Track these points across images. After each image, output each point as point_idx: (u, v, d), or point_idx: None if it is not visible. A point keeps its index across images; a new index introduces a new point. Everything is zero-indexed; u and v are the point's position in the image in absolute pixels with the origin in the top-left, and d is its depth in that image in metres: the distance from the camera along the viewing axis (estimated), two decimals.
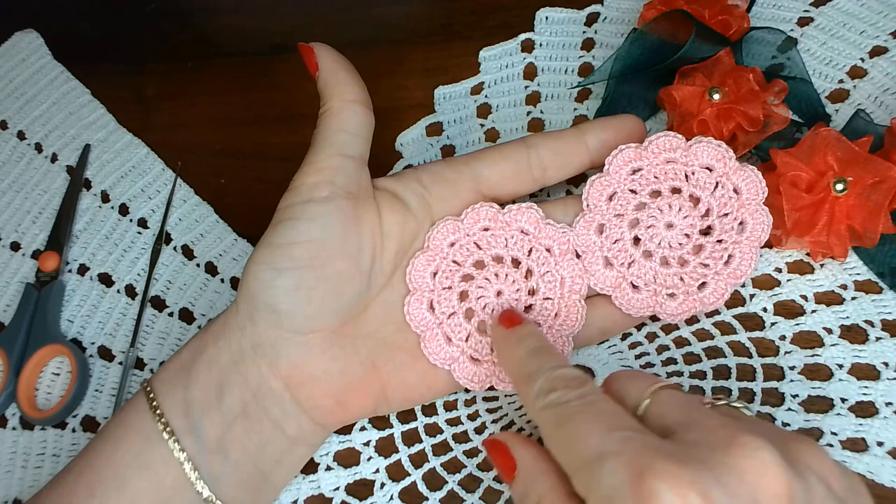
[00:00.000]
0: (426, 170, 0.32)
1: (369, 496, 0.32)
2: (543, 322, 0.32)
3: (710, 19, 0.37)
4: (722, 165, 0.30)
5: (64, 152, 0.46)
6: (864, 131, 0.33)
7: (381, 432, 0.34)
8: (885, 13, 0.39)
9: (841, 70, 0.38)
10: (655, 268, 0.31)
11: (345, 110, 0.31)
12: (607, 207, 0.32)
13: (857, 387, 0.30)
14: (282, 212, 0.30)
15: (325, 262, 0.29)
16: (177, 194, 0.43)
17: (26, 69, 0.50)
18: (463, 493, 0.32)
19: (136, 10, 0.52)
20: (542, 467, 0.24)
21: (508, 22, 0.44)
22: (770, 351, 0.32)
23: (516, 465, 0.25)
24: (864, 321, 0.32)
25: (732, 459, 0.20)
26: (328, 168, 0.30)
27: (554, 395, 0.24)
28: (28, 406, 0.37)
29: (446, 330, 0.32)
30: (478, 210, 0.32)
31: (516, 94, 0.42)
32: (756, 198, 0.31)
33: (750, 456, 0.20)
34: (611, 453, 0.21)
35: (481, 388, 0.32)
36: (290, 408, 0.30)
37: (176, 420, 0.28)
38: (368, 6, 0.49)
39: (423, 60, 0.45)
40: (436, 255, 0.32)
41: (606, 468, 0.21)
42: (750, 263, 0.31)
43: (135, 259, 0.41)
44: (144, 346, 0.39)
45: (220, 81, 0.48)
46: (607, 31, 0.43)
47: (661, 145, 0.31)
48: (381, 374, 0.31)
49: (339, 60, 0.31)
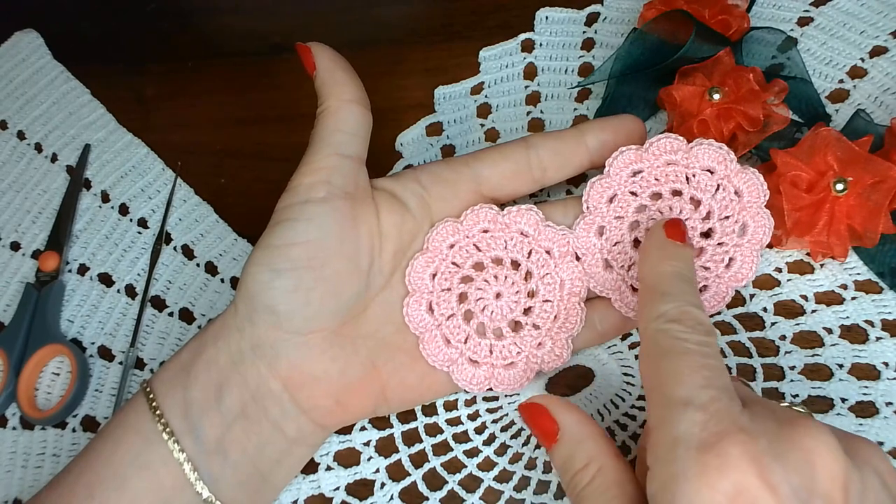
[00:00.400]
0: (425, 170, 0.32)
1: (369, 496, 0.32)
2: (542, 324, 0.32)
3: (710, 19, 0.37)
4: (723, 168, 0.30)
5: (64, 152, 0.46)
6: (864, 131, 0.33)
7: (382, 432, 0.34)
8: (885, 13, 0.39)
9: (841, 70, 0.38)
10: None
11: (342, 110, 0.31)
12: (607, 209, 0.31)
13: (857, 387, 0.30)
14: (279, 213, 0.30)
15: (324, 263, 0.29)
16: (177, 194, 0.43)
17: (26, 69, 0.50)
18: (463, 493, 0.32)
19: (136, 10, 0.52)
20: (588, 430, 0.25)
21: (508, 22, 0.44)
22: (770, 351, 0.32)
23: (559, 428, 0.25)
24: (864, 321, 0.32)
25: (798, 437, 0.21)
26: (325, 168, 0.30)
27: (677, 327, 0.24)
28: (28, 406, 0.37)
29: (445, 332, 0.32)
30: (477, 212, 0.32)
31: (516, 94, 0.42)
32: (757, 200, 0.30)
33: (814, 437, 0.21)
34: (698, 405, 0.22)
35: (480, 390, 0.32)
36: (289, 408, 0.30)
37: (175, 420, 0.28)
38: (368, 6, 0.49)
39: (423, 60, 0.45)
40: (435, 257, 0.32)
41: (687, 414, 0.22)
42: (751, 267, 0.31)
43: (135, 259, 0.41)
44: (144, 346, 0.39)
45: (220, 81, 0.48)
46: (607, 31, 0.43)
47: (661, 147, 0.31)
48: (381, 375, 0.31)
49: (336, 60, 0.31)
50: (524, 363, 0.32)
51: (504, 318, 0.32)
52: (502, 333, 0.32)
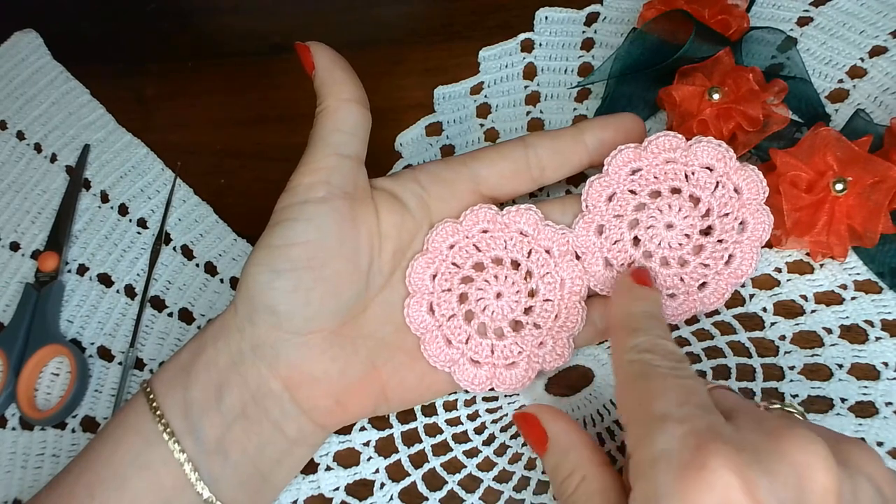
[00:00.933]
0: (424, 170, 0.32)
1: (369, 496, 0.32)
2: (543, 323, 0.32)
3: (709, 19, 0.37)
4: (722, 165, 0.30)
5: (63, 152, 0.46)
6: (864, 131, 0.33)
7: (381, 432, 0.34)
8: (885, 13, 0.39)
9: (841, 70, 0.38)
10: (655, 268, 0.31)
11: (341, 109, 0.30)
12: (607, 208, 0.31)
13: (856, 387, 0.30)
14: (279, 213, 0.30)
15: (323, 263, 0.29)
16: (176, 194, 0.43)
17: (26, 69, 0.50)
18: (463, 493, 0.32)
19: (136, 10, 0.52)
20: (575, 439, 0.25)
21: (508, 22, 0.44)
22: (770, 351, 0.32)
23: (548, 436, 0.25)
24: (863, 321, 0.32)
25: (784, 449, 0.20)
26: (324, 168, 0.30)
27: (649, 356, 0.24)
28: (28, 406, 0.37)
29: (446, 332, 0.32)
30: (476, 212, 0.32)
31: (516, 93, 0.42)
32: (757, 197, 0.30)
33: (802, 448, 0.20)
34: (674, 419, 0.21)
35: (481, 390, 0.32)
36: (289, 408, 0.30)
37: (175, 421, 0.28)
38: (368, 6, 0.49)
39: (423, 60, 0.45)
40: (435, 258, 0.32)
41: (665, 430, 0.21)
42: (751, 263, 0.31)
43: (134, 259, 0.41)
44: (144, 347, 0.39)
45: (220, 81, 0.48)
46: (607, 31, 0.43)
47: (660, 145, 0.31)
48: (381, 375, 0.31)
49: (335, 59, 0.31)
50: (526, 363, 0.32)
51: (505, 317, 0.32)
52: (503, 333, 0.32)
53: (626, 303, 0.28)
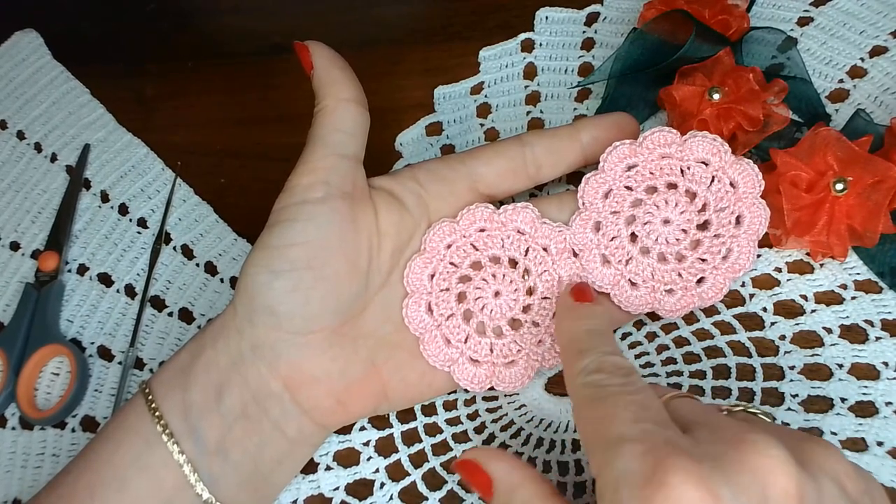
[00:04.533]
0: (422, 168, 0.32)
1: (369, 496, 0.32)
2: (542, 321, 0.32)
3: (710, 19, 0.37)
4: (718, 159, 0.30)
5: (63, 152, 0.46)
6: (864, 131, 0.33)
7: (381, 432, 0.34)
8: (885, 13, 0.39)
9: (841, 70, 0.38)
10: (653, 264, 0.31)
11: (339, 109, 0.30)
12: (603, 205, 0.31)
13: (856, 386, 0.30)
14: (277, 213, 0.30)
15: (323, 263, 0.29)
16: (176, 194, 0.43)
17: (26, 69, 0.50)
18: (463, 493, 0.32)
19: (136, 10, 0.52)
20: (519, 476, 0.24)
21: (508, 22, 0.44)
22: (770, 351, 0.32)
23: (492, 480, 0.25)
24: (863, 321, 0.32)
25: (744, 457, 0.20)
26: (323, 168, 0.30)
27: (598, 376, 0.24)
28: (27, 406, 0.37)
29: (445, 332, 0.32)
30: (473, 211, 0.32)
31: (516, 93, 0.42)
32: (753, 191, 0.30)
33: (761, 454, 0.20)
34: (631, 439, 0.21)
35: (481, 389, 0.32)
36: (289, 408, 0.30)
37: (175, 422, 0.28)
38: (368, 6, 0.49)
39: (423, 60, 0.45)
40: (433, 257, 0.32)
41: (623, 452, 0.21)
42: (748, 257, 0.31)
43: (134, 259, 0.41)
44: (144, 346, 0.39)
45: (220, 81, 0.48)
46: (607, 31, 0.43)
47: (655, 140, 0.31)
48: (381, 374, 0.31)
49: (334, 59, 0.31)
50: (525, 361, 0.32)
51: (503, 316, 0.32)
52: (502, 332, 0.32)
53: (568, 324, 0.28)
